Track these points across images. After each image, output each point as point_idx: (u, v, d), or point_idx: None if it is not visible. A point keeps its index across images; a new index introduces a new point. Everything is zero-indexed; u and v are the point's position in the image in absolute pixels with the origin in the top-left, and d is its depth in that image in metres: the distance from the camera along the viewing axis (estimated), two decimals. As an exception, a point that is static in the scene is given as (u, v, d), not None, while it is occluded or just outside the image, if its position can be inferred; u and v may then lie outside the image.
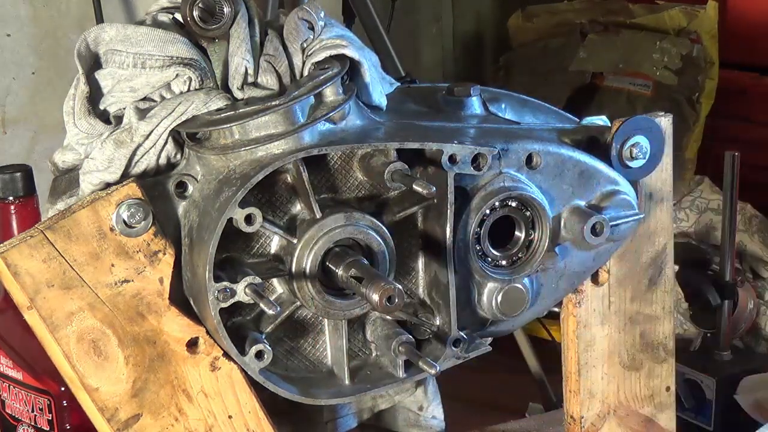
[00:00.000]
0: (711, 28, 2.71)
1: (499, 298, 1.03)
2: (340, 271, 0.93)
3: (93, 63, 0.95)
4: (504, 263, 1.04)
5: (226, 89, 0.94)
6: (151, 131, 0.92)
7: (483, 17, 3.52)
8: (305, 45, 0.97)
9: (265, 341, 0.94)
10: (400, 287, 0.89)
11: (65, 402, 1.18)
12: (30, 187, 1.20)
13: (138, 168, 0.93)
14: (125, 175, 0.93)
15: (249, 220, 0.90)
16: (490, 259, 1.03)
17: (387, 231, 0.97)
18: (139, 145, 0.92)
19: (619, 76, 2.89)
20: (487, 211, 1.01)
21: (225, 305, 0.91)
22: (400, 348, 0.99)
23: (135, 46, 0.92)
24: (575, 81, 2.94)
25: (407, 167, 0.96)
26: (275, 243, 0.96)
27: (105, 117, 0.95)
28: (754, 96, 2.83)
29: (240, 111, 0.92)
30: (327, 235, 0.94)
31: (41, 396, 1.19)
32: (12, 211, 1.19)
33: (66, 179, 0.98)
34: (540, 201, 1.01)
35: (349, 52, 0.97)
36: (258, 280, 0.91)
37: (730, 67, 2.79)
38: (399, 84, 1.09)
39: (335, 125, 0.96)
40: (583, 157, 1.04)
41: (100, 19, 2.34)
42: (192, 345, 0.95)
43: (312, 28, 0.98)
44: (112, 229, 0.91)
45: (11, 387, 1.22)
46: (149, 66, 0.92)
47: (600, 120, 1.12)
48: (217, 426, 0.98)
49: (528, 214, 1.03)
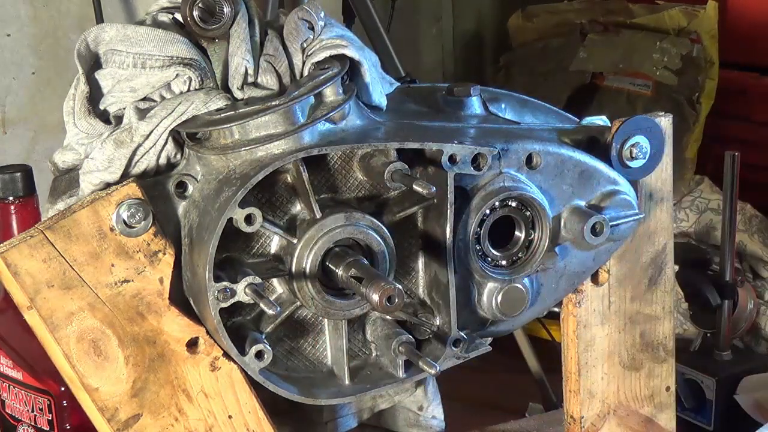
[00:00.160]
0: (711, 28, 2.70)
1: (499, 298, 1.03)
2: (340, 271, 0.93)
3: (93, 63, 0.95)
4: (504, 263, 1.04)
5: (226, 89, 0.94)
6: (151, 131, 0.92)
7: (483, 17, 3.52)
8: (305, 45, 0.97)
9: (265, 341, 0.94)
10: (400, 287, 0.89)
11: (65, 402, 1.18)
12: (30, 187, 1.20)
13: (138, 168, 0.93)
14: (125, 175, 0.93)
15: (249, 220, 0.90)
16: (490, 259, 1.03)
17: (387, 231, 0.97)
18: (139, 145, 0.92)
19: (619, 76, 2.88)
20: (487, 211, 1.01)
21: (225, 305, 0.91)
22: (400, 348, 0.99)
23: (135, 46, 0.92)
24: (575, 81, 2.94)
25: (407, 167, 0.96)
26: (275, 243, 0.96)
27: (105, 117, 0.95)
28: (754, 96, 2.82)
29: (240, 111, 0.92)
30: (327, 235, 0.94)
31: (41, 396, 1.19)
32: (12, 211, 1.19)
33: (66, 179, 0.98)
34: (540, 201, 1.01)
35: (349, 52, 0.97)
36: (258, 280, 0.91)
37: (730, 67, 2.79)
38: (399, 84, 1.09)
39: (335, 125, 0.96)
40: (583, 157, 1.04)
41: (100, 19, 2.34)
42: (192, 345, 0.95)
43: (312, 28, 0.98)
44: (112, 229, 0.91)
45: (11, 387, 1.22)
46: (149, 66, 0.92)
47: (600, 120, 1.12)
48: (217, 426, 0.98)
49: (528, 214, 1.03)
